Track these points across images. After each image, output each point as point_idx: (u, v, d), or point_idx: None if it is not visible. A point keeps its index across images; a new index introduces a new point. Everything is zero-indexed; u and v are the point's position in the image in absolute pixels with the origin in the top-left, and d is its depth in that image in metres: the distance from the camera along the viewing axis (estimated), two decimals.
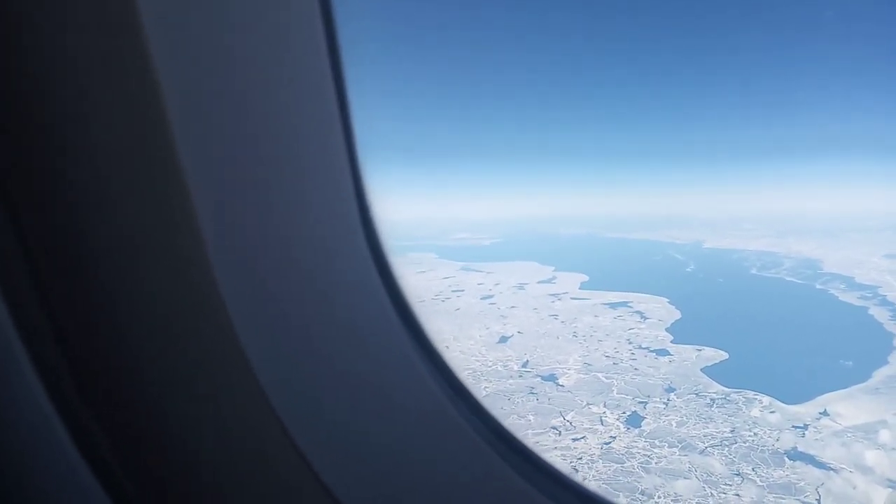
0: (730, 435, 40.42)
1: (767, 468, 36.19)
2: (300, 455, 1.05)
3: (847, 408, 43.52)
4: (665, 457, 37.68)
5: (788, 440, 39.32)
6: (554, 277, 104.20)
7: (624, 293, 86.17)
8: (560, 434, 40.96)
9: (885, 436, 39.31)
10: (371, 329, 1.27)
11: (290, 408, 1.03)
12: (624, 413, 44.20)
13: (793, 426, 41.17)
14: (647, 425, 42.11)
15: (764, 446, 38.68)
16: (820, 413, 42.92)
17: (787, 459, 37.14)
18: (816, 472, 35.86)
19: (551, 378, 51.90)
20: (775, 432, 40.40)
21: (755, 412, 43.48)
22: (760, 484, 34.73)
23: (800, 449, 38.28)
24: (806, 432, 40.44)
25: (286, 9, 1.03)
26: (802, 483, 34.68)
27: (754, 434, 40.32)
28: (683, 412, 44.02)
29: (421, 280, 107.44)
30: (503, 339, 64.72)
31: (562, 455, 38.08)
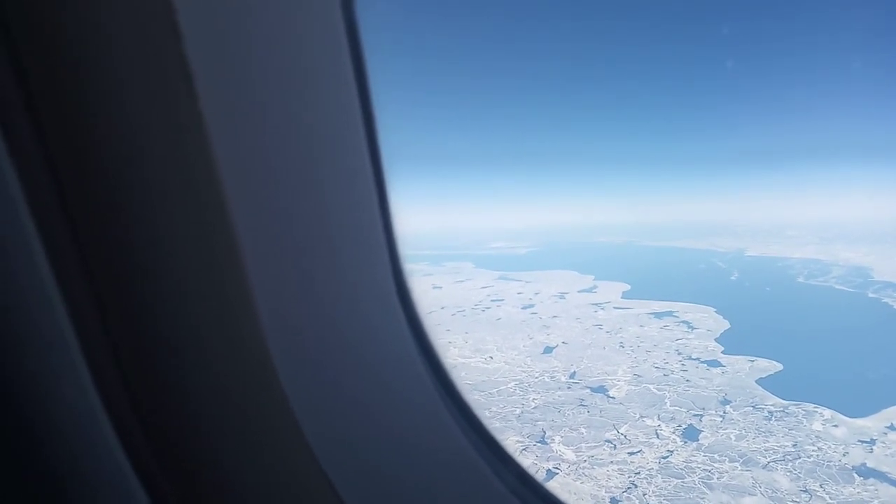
0: (792, 449, 39.04)
1: (836, 485, 34.79)
2: (335, 494, 1.12)
3: None
4: (727, 472, 36.49)
5: (856, 455, 37.81)
6: (595, 286, 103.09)
7: (668, 302, 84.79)
8: (615, 447, 40.02)
9: None
10: (403, 383, 1.35)
11: (329, 454, 1.09)
12: (679, 426, 43.08)
13: (859, 440, 39.60)
14: (705, 439, 40.93)
15: (830, 462, 37.23)
16: (887, 427, 41.24)
17: (856, 476, 35.67)
18: (892, 490, 34.37)
19: (601, 390, 50.97)
20: (841, 447, 38.90)
21: (817, 425, 42.00)
22: (830, 502, 33.38)
23: (869, 465, 36.76)
24: (874, 447, 38.84)
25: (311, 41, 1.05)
26: (876, 502, 33.23)
27: (818, 449, 38.87)
28: (741, 425, 42.73)
29: (460, 289, 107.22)
30: (548, 350, 63.95)
31: (619, 470, 37.19)
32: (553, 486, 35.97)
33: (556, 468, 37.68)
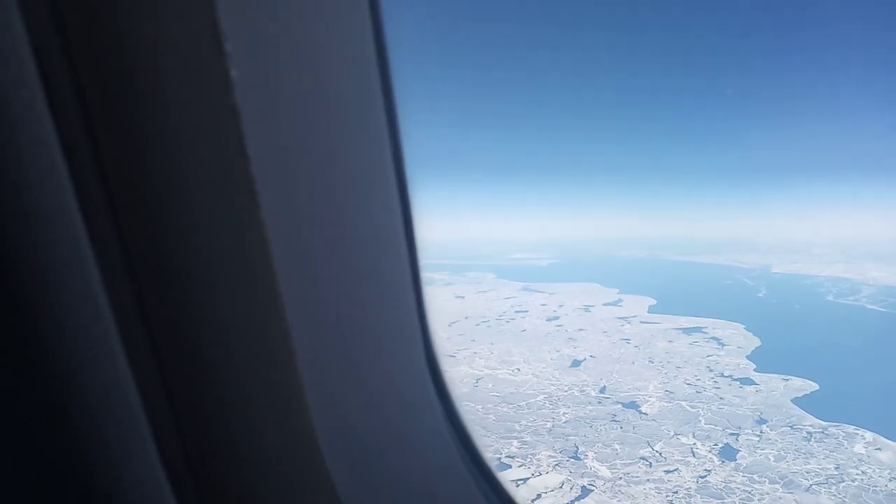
0: (835, 472, 37.98)
1: None
2: None
3: None
4: (767, 493, 35.55)
5: None
6: (620, 300, 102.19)
7: (696, 318, 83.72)
8: (651, 465, 39.19)
9: None
10: (428, 444, 1.43)
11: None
12: (716, 445, 42.13)
13: None
14: (743, 459, 39.97)
15: (876, 486, 36.15)
16: None
17: None
18: None
19: (633, 405, 50.14)
20: (886, 471, 37.77)
21: (859, 448, 40.86)
22: None
23: None
24: None
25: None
26: None
27: (862, 472, 37.79)
28: (780, 446, 41.71)
29: (483, 300, 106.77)
30: (576, 363, 63.21)
31: (656, 488, 36.36)
32: (589, 503, 35.28)
33: (592, 485, 36.94)
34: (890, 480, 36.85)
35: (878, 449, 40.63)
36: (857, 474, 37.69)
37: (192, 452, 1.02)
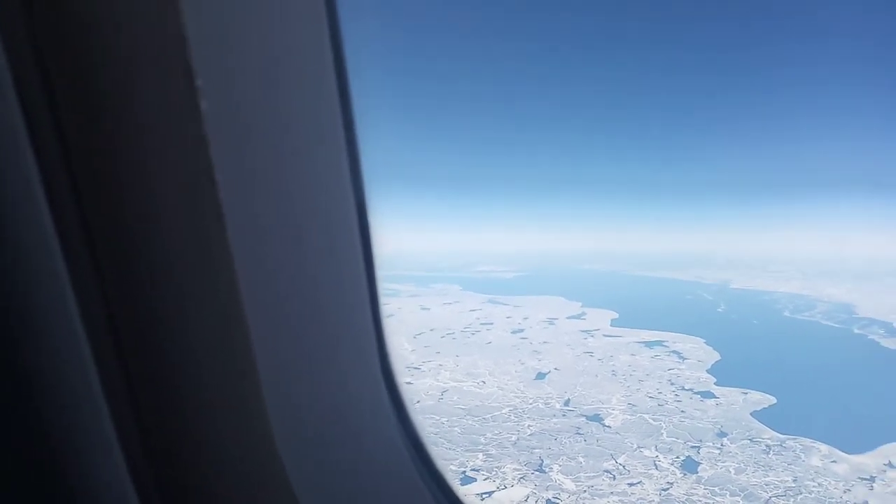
0: (793, 485, 38.71)
1: None
2: None
3: None
4: None
5: (858, 493, 37.56)
6: (583, 313, 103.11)
7: (657, 332, 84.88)
8: (615, 478, 39.43)
9: None
10: (382, 450, 1.47)
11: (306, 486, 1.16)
12: (678, 458, 42.61)
13: (859, 477, 39.38)
14: (704, 471, 40.48)
15: (832, 498, 36.95)
16: (885, 464, 41.09)
17: None
18: None
19: (596, 418, 50.47)
20: (841, 483, 38.65)
21: (816, 461, 41.75)
22: None
23: (872, 503, 36.50)
24: (874, 484, 38.65)
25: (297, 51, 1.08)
26: None
27: (819, 485, 38.58)
28: (740, 458, 42.37)
29: (449, 312, 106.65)
30: (540, 376, 63.43)
31: (620, 501, 36.58)
32: None
33: (556, 498, 36.99)
34: (845, 492, 37.70)
35: (834, 461, 41.57)
36: (814, 486, 38.47)
37: (154, 452, 1.03)
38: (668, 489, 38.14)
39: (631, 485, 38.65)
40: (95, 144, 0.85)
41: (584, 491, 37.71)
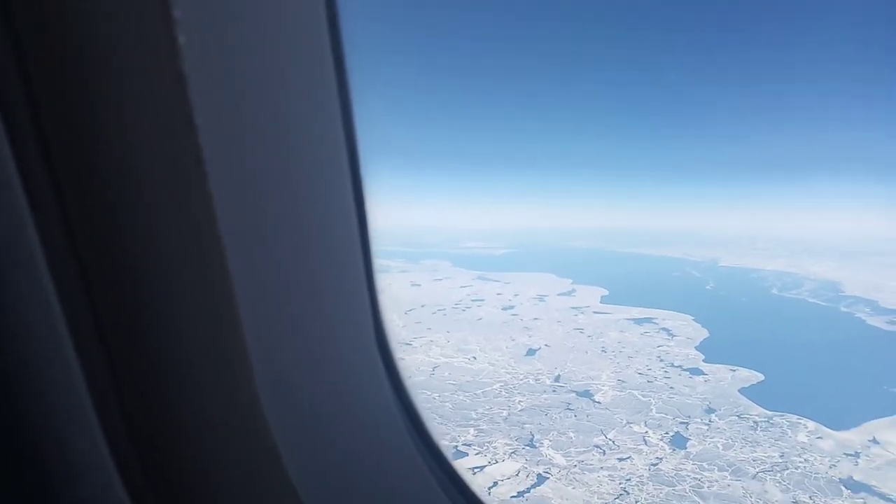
0: (780, 460, 39.32)
1: (825, 497, 35.07)
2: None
3: None
4: (717, 481, 36.56)
5: (843, 468, 38.20)
6: (573, 290, 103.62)
7: (647, 309, 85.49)
8: (604, 453, 39.88)
9: None
10: (376, 420, 1.45)
11: (301, 474, 1.13)
12: (667, 433, 43.13)
13: (844, 453, 40.04)
14: (693, 447, 41.02)
15: (818, 474, 37.55)
16: (870, 440, 41.78)
17: (843, 488, 36.02)
18: (881, 503, 34.76)
19: (586, 394, 50.91)
20: (827, 459, 39.29)
21: (802, 437, 42.41)
22: None
23: (856, 478, 37.14)
24: (858, 460, 39.31)
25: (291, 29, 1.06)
26: None
27: (805, 460, 39.20)
28: (728, 434, 42.95)
29: (439, 287, 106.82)
30: (531, 352, 63.82)
31: (609, 476, 37.02)
32: (546, 490, 35.72)
33: (547, 472, 37.39)
34: (830, 468, 38.33)
35: (820, 438, 42.24)
36: (800, 462, 39.08)
37: (139, 434, 1.01)
38: (657, 464, 38.63)
39: (621, 460, 39.11)
40: (77, 137, 0.83)
41: (575, 465, 38.13)
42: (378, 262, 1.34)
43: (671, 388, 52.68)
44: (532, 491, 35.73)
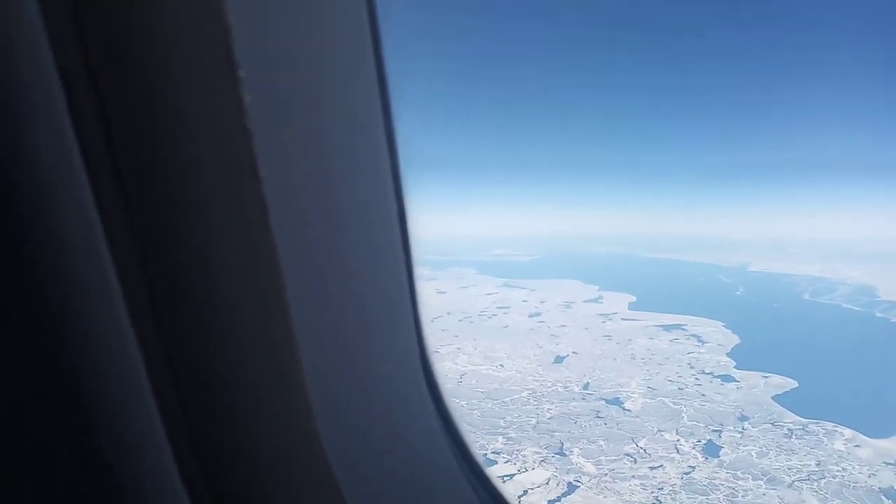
0: (817, 469, 38.49)
1: None
2: None
3: None
4: (751, 490, 35.92)
5: (884, 478, 37.26)
6: (600, 297, 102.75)
7: (676, 315, 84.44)
8: (636, 462, 39.40)
9: None
10: (421, 440, 1.46)
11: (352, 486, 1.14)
12: (699, 441, 42.49)
13: (884, 462, 39.06)
14: (726, 455, 40.37)
15: (857, 483, 36.68)
16: None
17: (884, 498, 35.15)
18: None
19: (616, 402, 50.41)
20: (866, 468, 38.36)
21: (839, 445, 41.44)
22: None
23: None
24: None
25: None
26: None
27: (843, 469, 38.32)
28: (762, 442, 42.18)
29: (465, 295, 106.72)
30: (559, 359, 63.43)
31: (641, 484, 36.55)
32: (576, 499, 35.38)
33: (578, 481, 37.03)
34: (870, 477, 37.42)
35: (857, 446, 41.26)
36: (837, 471, 38.22)
37: (203, 454, 1.03)
38: (689, 473, 38.06)
39: (652, 468, 38.61)
40: (139, 137, 0.85)
41: (606, 474, 37.72)
42: (420, 279, 1.36)
43: (702, 395, 51.92)
44: (563, 500, 35.42)
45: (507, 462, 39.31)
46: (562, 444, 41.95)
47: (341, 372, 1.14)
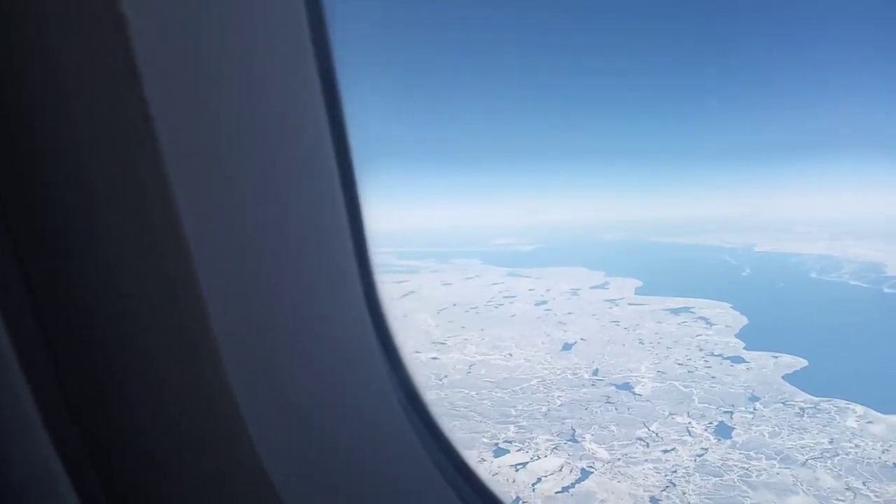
0: (830, 446, 38.38)
1: (881, 483, 34.13)
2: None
3: None
4: (765, 470, 35.83)
5: None
6: (606, 283, 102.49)
7: (683, 298, 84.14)
8: (648, 446, 39.35)
9: None
10: (374, 409, 1.35)
11: (286, 476, 1.06)
12: (711, 423, 42.41)
13: None
14: (739, 436, 40.27)
15: (870, 459, 36.57)
16: None
17: None
18: None
19: (626, 387, 50.32)
20: (879, 444, 38.23)
21: (851, 422, 41.32)
22: (876, 500, 32.72)
23: None
24: None
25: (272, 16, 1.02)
26: None
27: (856, 446, 38.20)
28: (773, 422, 42.07)
29: (471, 286, 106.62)
30: (567, 347, 63.27)
31: (655, 468, 36.52)
32: (590, 485, 35.38)
33: (591, 467, 37.02)
34: (883, 453, 37.28)
35: (870, 422, 41.13)
36: (850, 448, 38.09)
37: (86, 430, 0.95)
38: (702, 455, 38.00)
39: (665, 451, 38.55)
40: (22, 147, 0.80)
41: (619, 459, 37.69)
42: (374, 251, 1.27)
43: (713, 377, 51.78)
44: (577, 486, 35.41)
45: (519, 450, 39.32)
46: (573, 430, 41.92)
47: (274, 345, 1.04)
